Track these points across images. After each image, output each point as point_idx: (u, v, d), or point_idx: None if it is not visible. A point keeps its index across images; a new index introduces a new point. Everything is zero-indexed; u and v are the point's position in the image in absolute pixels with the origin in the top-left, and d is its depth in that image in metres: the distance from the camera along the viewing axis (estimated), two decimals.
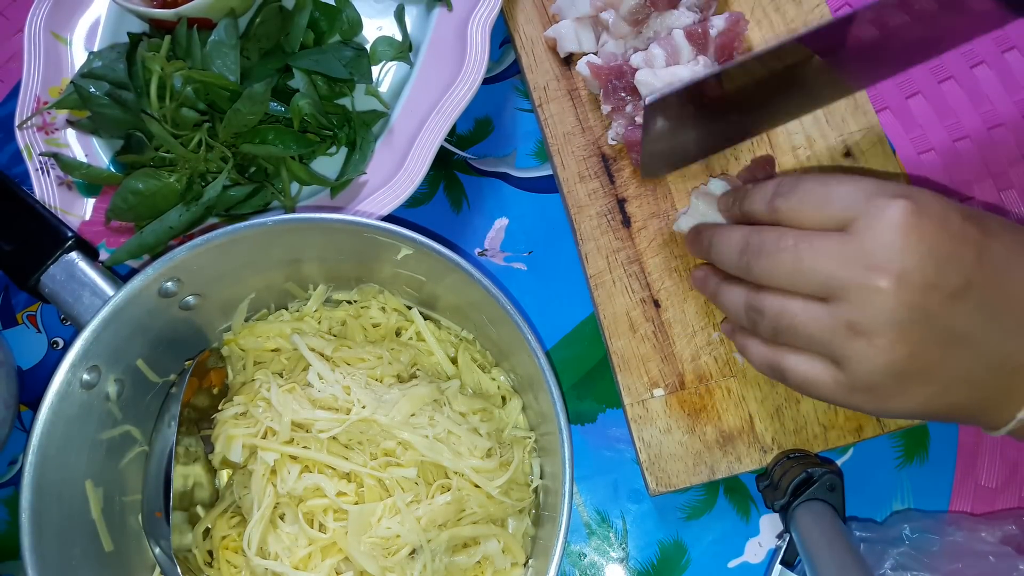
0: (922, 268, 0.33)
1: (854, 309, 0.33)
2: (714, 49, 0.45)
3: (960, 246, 0.33)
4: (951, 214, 0.34)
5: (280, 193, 0.48)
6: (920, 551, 0.42)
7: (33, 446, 0.36)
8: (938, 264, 0.33)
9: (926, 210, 0.33)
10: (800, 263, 0.35)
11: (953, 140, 0.52)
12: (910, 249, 0.33)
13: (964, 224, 0.34)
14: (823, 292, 0.35)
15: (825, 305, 0.35)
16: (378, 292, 0.47)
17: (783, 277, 0.36)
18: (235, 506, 0.42)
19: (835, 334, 0.34)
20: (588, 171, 0.50)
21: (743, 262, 0.38)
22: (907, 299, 0.33)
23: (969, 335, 0.33)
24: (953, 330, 0.33)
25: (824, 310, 0.35)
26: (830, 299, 0.34)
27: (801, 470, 0.43)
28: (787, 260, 0.35)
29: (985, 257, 0.33)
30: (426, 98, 0.48)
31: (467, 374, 0.45)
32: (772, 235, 0.37)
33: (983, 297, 0.33)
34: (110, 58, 0.49)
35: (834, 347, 0.35)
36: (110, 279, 0.44)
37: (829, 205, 0.35)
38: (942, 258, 0.33)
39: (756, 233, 0.37)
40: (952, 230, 0.33)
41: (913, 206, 0.33)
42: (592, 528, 0.48)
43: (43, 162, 0.51)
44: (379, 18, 0.54)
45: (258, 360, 0.46)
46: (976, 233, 0.34)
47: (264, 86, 0.45)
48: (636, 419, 0.46)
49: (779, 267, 0.36)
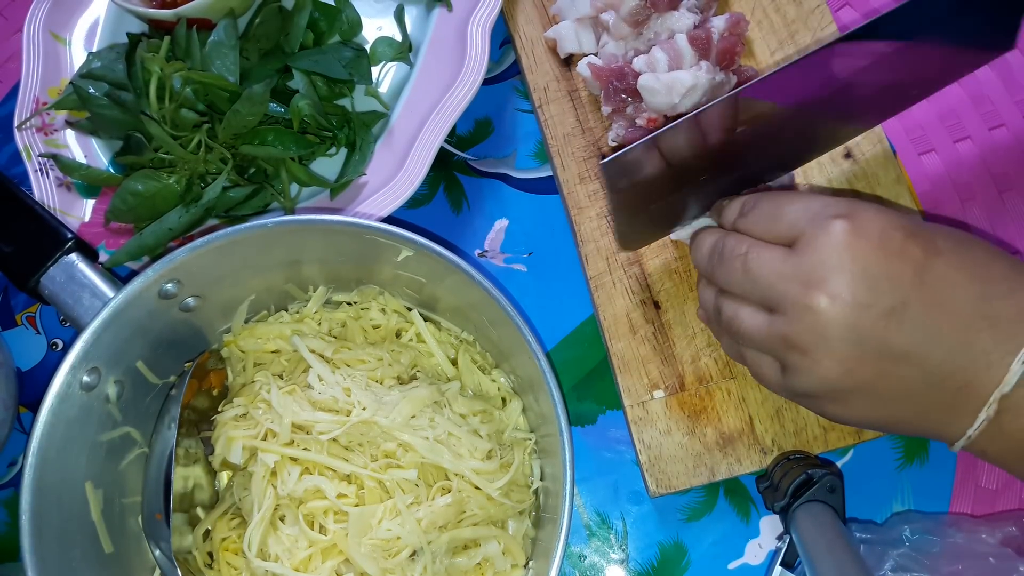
0: (854, 287, 0.33)
1: (790, 324, 0.35)
2: (716, 55, 0.45)
3: (898, 265, 0.33)
4: (891, 232, 0.34)
5: (280, 194, 0.48)
6: (920, 552, 0.42)
7: (33, 448, 0.36)
8: (872, 283, 0.33)
9: (865, 229, 0.34)
10: (748, 272, 0.36)
11: (954, 141, 0.52)
12: (844, 268, 0.33)
13: (905, 242, 0.34)
14: (766, 303, 0.36)
15: (768, 316, 0.36)
16: (378, 293, 0.46)
17: (735, 284, 0.38)
18: (235, 508, 0.42)
19: (774, 345, 0.36)
20: (588, 172, 0.50)
21: (709, 266, 0.39)
22: (840, 318, 0.33)
23: (907, 352, 0.34)
24: (889, 347, 0.33)
25: (766, 321, 0.36)
26: (773, 310, 0.36)
27: (801, 471, 0.43)
28: (738, 267, 0.37)
29: (926, 276, 0.34)
30: (426, 99, 0.48)
31: (467, 376, 0.45)
32: (731, 241, 0.38)
33: (922, 315, 0.33)
34: (109, 59, 0.49)
35: (777, 355, 0.36)
36: (110, 281, 0.44)
37: (778, 222, 0.37)
38: (877, 277, 0.33)
39: (721, 238, 0.39)
40: (890, 249, 0.34)
41: (851, 226, 0.34)
42: (592, 529, 0.48)
43: (42, 163, 0.51)
44: (379, 18, 0.53)
45: (258, 362, 0.46)
46: (917, 252, 0.34)
47: (263, 87, 0.45)
48: (636, 421, 0.46)
49: (732, 273, 0.37)
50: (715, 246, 0.39)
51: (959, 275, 0.34)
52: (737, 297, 0.38)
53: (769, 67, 0.50)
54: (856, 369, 0.34)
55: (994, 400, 0.33)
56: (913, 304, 0.33)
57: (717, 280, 0.39)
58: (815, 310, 0.34)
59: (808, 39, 0.50)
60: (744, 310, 0.37)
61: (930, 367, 0.34)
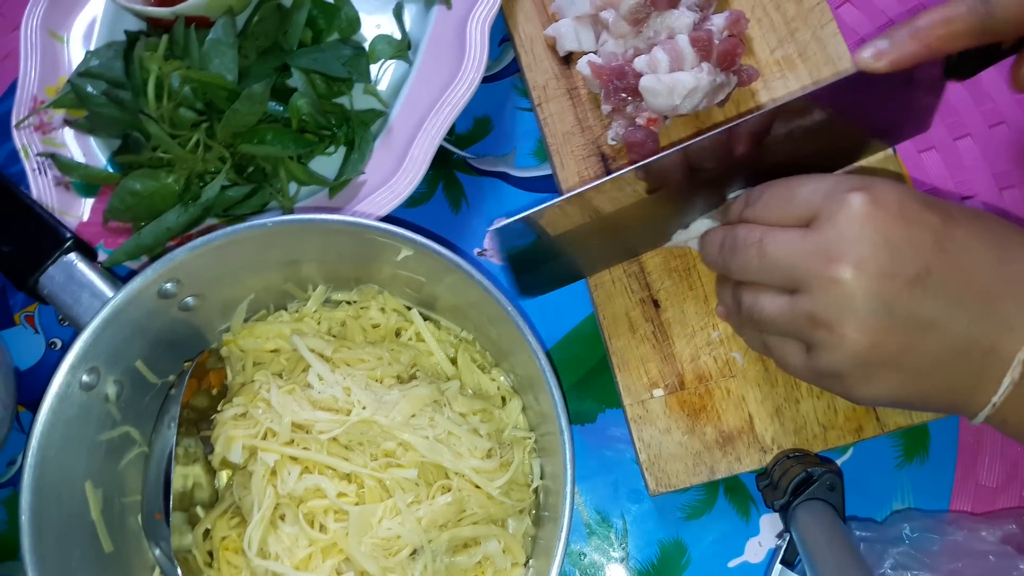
0: (878, 257, 0.33)
1: (815, 300, 0.34)
2: (717, 56, 0.45)
3: (918, 233, 0.34)
4: (909, 202, 0.34)
5: (278, 193, 0.48)
6: (920, 550, 0.42)
7: (33, 447, 0.36)
8: (895, 252, 0.33)
9: (882, 200, 0.34)
10: (764, 257, 0.36)
11: (954, 138, 0.52)
12: (866, 239, 0.34)
13: (923, 211, 0.34)
14: (788, 284, 0.36)
15: (790, 297, 0.36)
16: (377, 293, 0.46)
17: (752, 272, 0.38)
18: (235, 507, 0.42)
19: (800, 325, 0.36)
20: (587, 171, 0.50)
21: (721, 260, 0.40)
22: (865, 288, 0.33)
23: (933, 321, 0.34)
24: (916, 317, 0.34)
25: (788, 302, 0.36)
26: (795, 291, 0.36)
27: (801, 470, 0.43)
28: (753, 255, 0.37)
29: (946, 243, 0.34)
30: (425, 97, 0.48)
31: (467, 374, 0.45)
32: (743, 231, 0.38)
33: (945, 282, 0.34)
34: (107, 57, 0.49)
35: (803, 336, 0.36)
36: (109, 280, 0.44)
37: (792, 204, 0.37)
38: (899, 245, 0.33)
39: (731, 231, 0.39)
40: (910, 217, 0.34)
41: (869, 196, 0.34)
42: (592, 528, 0.48)
43: (40, 162, 0.51)
44: (377, 16, 0.53)
45: (257, 361, 0.46)
46: (935, 220, 0.34)
47: (262, 85, 0.45)
48: (636, 419, 0.46)
49: (748, 262, 0.37)
50: (724, 239, 0.39)
51: (977, 242, 0.34)
52: (756, 285, 0.38)
53: (769, 65, 0.50)
54: (884, 341, 0.34)
55: (1018, 362, 0.33)
56: (936, 271, 0.33)
57: (733, 272, 0.39)
58: (840, 282, 0.33)
59: (808, 36, 0.50)
60: (764, 296, 0.37)
61: (956, 334, 0.34)
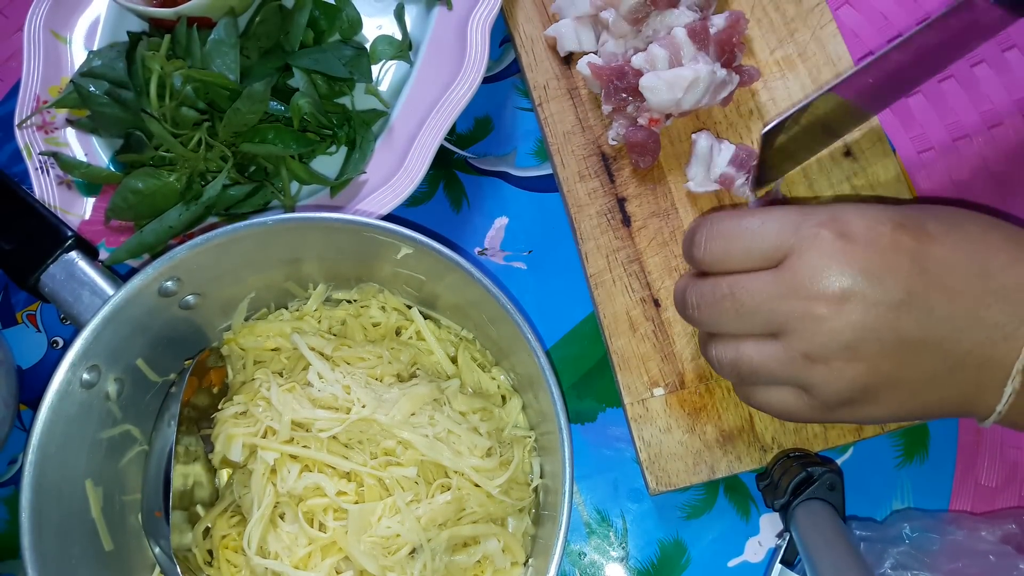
0: (857, 288, 0.33)
1: (804, 340, 0.34)
2: (714, 46, 0.45)
3: (894, 258, 0.34)
4: (879, 228, 0.34)
5: (280, 192, 0.48)
6: (920, 550, 0.42)
7: (33, 445, 0.36)
8: (872, 281, 0.33)
9: (851, 232, 0.34)
10: (741, 307, 0.36)
11: (953, 139, 0.52)
12: (842, 272, 0.33)
13: (895, 235, 0.34)
14: (769, 329, 0.35)
15: (776, 341, 0.35)
16: (378, 291, 0.47)
17: (730, 325, 0.37)
18: (235, 505, 0.42)
19: (794, 367, 0.35)
20: (588, 170, 0.50)
21: (692, 316, 0.38)
22: (850, 320, 0.33)
23: (923, 340, 0.34)
24: (905, 339, 0.34)
25: (777, 346, 0.35)
26: (779, 334, 0.35)
27: (801, 469, 0.43)
28: (728, 307, 0.36)
29: (925, 263, 0.34)
30: (426, 97, 0.48)
31: (467, 373, 0.45)
32: (707, 286, 0.37)
33: (929, 302, 0.34)
34: (110, 57, 0.49)
35: (798, 378, 0.35)
36: (110, 278, 0.44)
37: (755, 245, 0.36)
38: (876, 274, 0.33)
39: (693, 287, 0.38)
40: (882, 244, 0.34)
41: (839, 229, 0.34)
42: (592, 527, 0.48)
43: (43, 161, 0.51)
44: (379, 17, 0.53)
45: (258, 359, 0.46)
46: (909, 242, 0.34)
47: (264, 85, 0.45)
48: (636, 418, 0.46)
49: (722, 315, 0.36)
50: (685, 297, 0.38)
51: (957, 256, 0.34)
52: (735, 336, 0.37)
53: (769, 65, 0.50)
54: (880, 364, 0.34)
55: (1017, 372, 0.33)
56: (918, 293, 0.33)
57: (707, 327, 0.38)
58: (826, 318, 0.33)
59: (807, 37, 0.50)
60: (745, 346, 0.36)
61: (948, 350, 0.34)
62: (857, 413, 0.36)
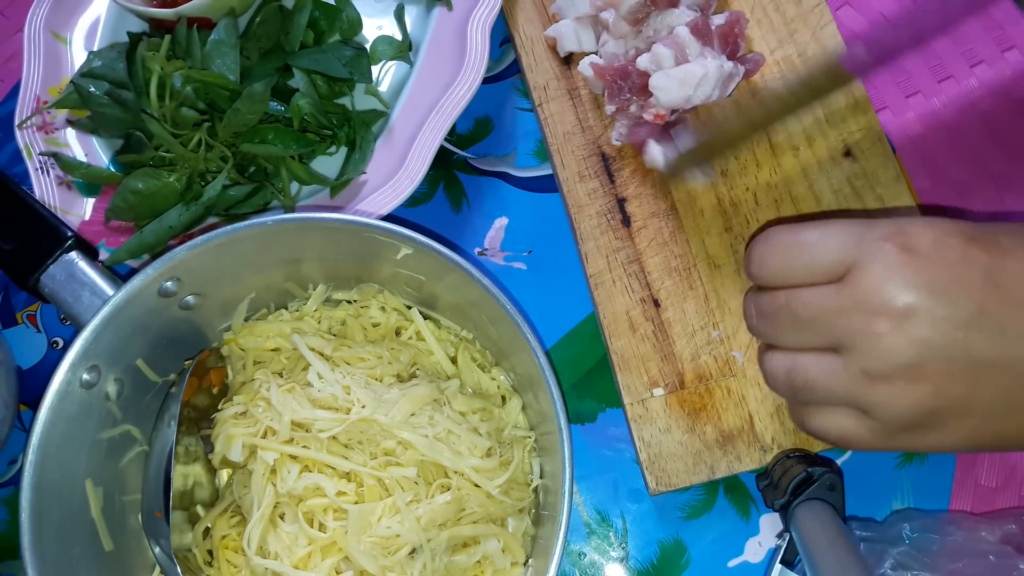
0: (923, 303, 0.32)
1: (865, 357, 0.33)
2: (717, 39, 0.45)
3: (963, 272, 0.32)
4: (949, 240, 0.32)
5: (280, 192, 0.48)
6: (920, 550, 0.42)
7: (33, 445, 0.36)
8: (939, 296, 0.32)
9: (918, 243, 0.32)
10: (797, 319, 0.34)
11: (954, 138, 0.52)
12: (907, 287, 0.32)
13: (966, 248, 0.32)
14: (829, 343, 0.34)
15: (837, 356, 0.34)
16: (378, 291, 0.47)
17: (785, 336, 0.36)
18: (235, 505, 0.42)
19: (854, 384, 0.33)
20: (588, 170, 0.50)
21: (752, 326, 0.38)
22: (915, 337, 0.32)
23: (996, 360, 0.32)
24: (976, 359, 0.32)
25: (838, 362, 0.34)
26: (840, 350, 0.34)
27: (801, 469, 0.43)
28: (784, 318, 0.35)
29: (998, 277, 0.32)
30: (426, 97, 0.48)
31: (467, 373, 0.45)
32: (766, 296, 0.36)
33: (1002, 319, 0.32)
34: (110, 57, 0.49)
35: (857, 397, 0.34)
36: (110, 279, 0.44)
37: (817, 260, 0.34)
38: (943, 289, 0.32)
39: (755, 297, 0.37)
40: (951, 258, 0.32)
41: (904, 242, 0.32)
42: (592, 527, 0.48)
43: (43, 161, 0.51)
44: (379, 17, 0.54)
45: (258, 360, 0.46)
46: (982, 255, 0.32)
47: (264, 85, 0.45)
48: (636, 418, 0.46)
49: (778, 325, 0.36)
50: (747, 307, 0.38)
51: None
52: (792, 349, 0.36)
53: (769, 65, 0.50)
54: (947, 386, 0.32)
55: None
56: (990, 309, 0.32)
57: (769, 340, 0.37)
58: (888, 335, 0.32)
59: (807, 37, 0.50)
60: (805, 358, 0.35)
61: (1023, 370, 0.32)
62: (923, 441, 0.34)
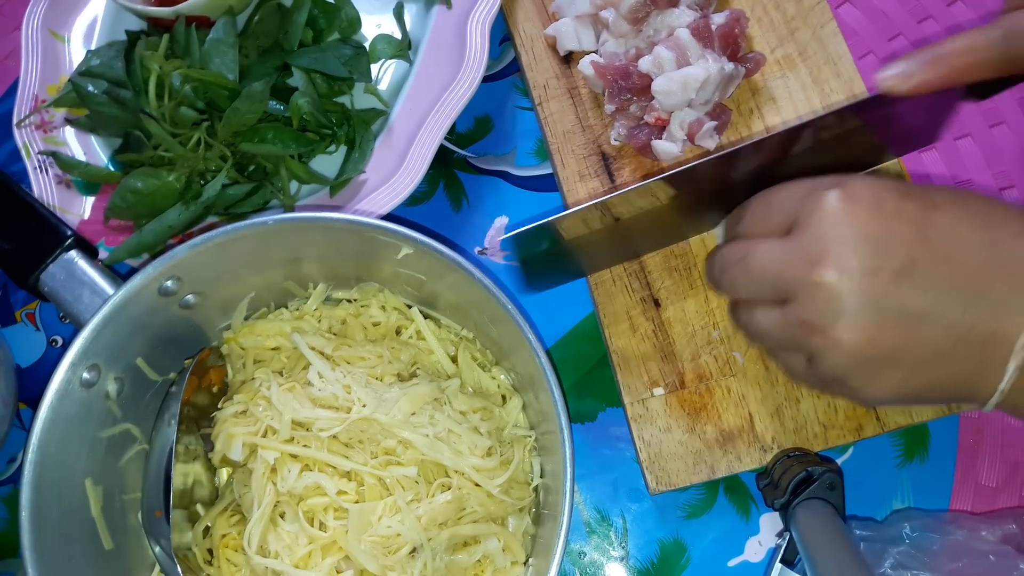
0: (859, 253, 0.33)
1: (804, 307, 0.34)
2: (718, 41, 0.45)
3: (897, 224, 0.33)
4: (885, 194, 0.34)
5: (279, 192, 0.48)
6: (920, 550, 0.42)
7: (33, 444, 0.36)
8: (875, 246, 0.33)
9: (856, 195, 0.34)
10: (749, 272, 0.36)
11: (954, 138, 0.52)
12: (844, 236, 0.33)
13: (900, 202, 0.33)
14: (777, 295, 0.36)
15: (780, 308, 0.35)
16: (378, 291, 0.46)
17: (742, 288, 0.37)
18: (235, 504, 0.42)
19: (793, 334, 0.35)
20: (588, 170, 0.50)
21: (715, 280, 0.40)
22: (850, 287, 0.33)
23: (925, 312, 0.33)
24: (907, 310, 0.33)
25: (780, 314, 0.35)
26: (785, 301, 0.35)
27: (801, 469, 0.43)
28: (738, 272, 0.37)
29: (928, 232, 0.33)
30: (425, 96, 0.48)
31: (467, 373, 0.45)
32: (727, 250, 0.38)
33: (932, 272, 0.33)
34: (108, 56, 0.49)
35: (800, 346, 0.35)
36: (110, 278, 0.44)
37: (770, 214, 0.37)
38: (879, 239, 0.33)
39: (719, 250, 0.39)
40: (887, 210, 0.33)
41: (842, 193, 0.34)
42: (592, 527, 0.48)
43: (41, 160, 0.51)
44: (378, 16, 0.53)
45: (258, 359, 0.46)
46: (914, 209, 0.33)
47: (263, 84, 0.45)
48: (636, 418, 0.46)
49: (736, 279, 0.37)
50: (715, 260, 0.39)
51: (961, 226, 0.33)
52: (750, 302, 0.38)
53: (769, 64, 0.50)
54: (879, 337, 0.33)
55: (1021, 347, 0.32)
56: (921, 261, 0.33)
57: (727, 291, 0.39)
58: (824, 284, 0.33)
59: (808, 36, 0.50)
60: (757, 312, 0.37)
61: (951, 322, 0.33)
62: (856, 390, 0.35)
